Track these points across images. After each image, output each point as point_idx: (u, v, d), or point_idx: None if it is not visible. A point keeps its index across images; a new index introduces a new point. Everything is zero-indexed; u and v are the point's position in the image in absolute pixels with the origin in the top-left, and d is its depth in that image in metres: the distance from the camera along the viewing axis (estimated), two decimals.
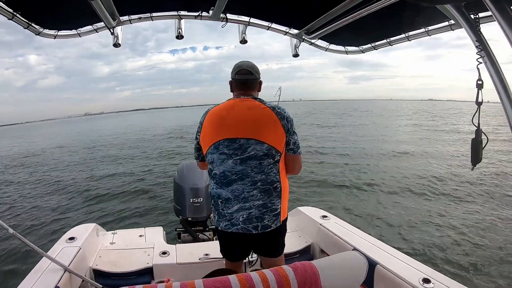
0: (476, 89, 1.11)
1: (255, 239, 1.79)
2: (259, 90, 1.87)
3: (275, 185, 1.71)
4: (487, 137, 1.22)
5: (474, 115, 1.20)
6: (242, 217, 1.71)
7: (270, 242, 1.84)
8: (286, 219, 1.83)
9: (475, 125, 1.20)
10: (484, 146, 1.22)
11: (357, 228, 2.45)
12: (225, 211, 1.75)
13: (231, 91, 1.86)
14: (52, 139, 35.44)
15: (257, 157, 1.67)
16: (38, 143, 30.26)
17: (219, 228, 1.81)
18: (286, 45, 2.68)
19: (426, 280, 1.65)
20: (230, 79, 1.85)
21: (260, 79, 1.86)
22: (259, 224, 1.71)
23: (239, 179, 1.70)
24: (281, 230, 1.81)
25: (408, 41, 2.17)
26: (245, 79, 1.80)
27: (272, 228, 1.73)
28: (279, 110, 1.70)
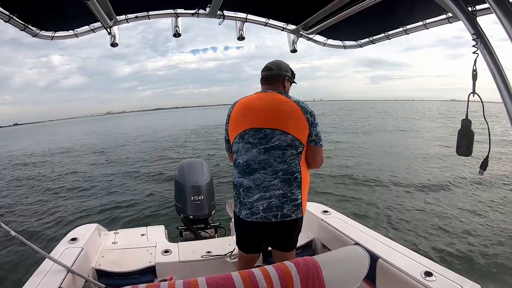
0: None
1: (273, 229, 1.83)
2: (284, 86, 1.93)
3: (295, 175, 1.76)
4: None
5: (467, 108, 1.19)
6: (262, 206, 1.76)
7: (286, 233, 1.88)
8: (304, 212, 1.87)
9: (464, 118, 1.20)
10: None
11: (359, 222, 2.45)
12: (246, 200, 1.81)
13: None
14: (63, 138, 35.50)
15: (281, 147, 1.73)
16: (48, 142, 30.30)
17: (240, 216, 1.86)
18: (307, 45, 2.71)
19: (428, 273, 1.65)
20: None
21: (285, 76, 1.93)
22: (278, 213, 1.76)
23: (261, 168, 1.76)
24: (299, 222, 1.85)
25: (406, 34, 2.17)
26: (266, 76, 1.91)
27: (292, 218, 1.77)
28: (302, 105, 1.77)
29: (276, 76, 1.90)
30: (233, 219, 2.82)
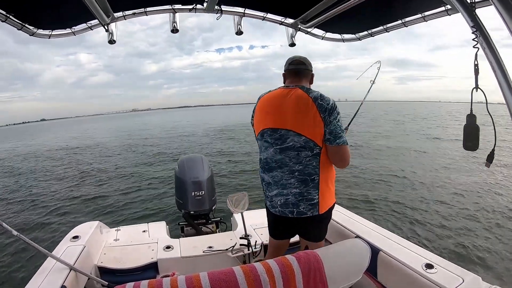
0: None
1: (293, 222, 1.86)
2: (311, 82, 1.90)
3: (312, 177, 1.73)
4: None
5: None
6: (280, 202, 1.81)
7: (307, 227, 1.89)
8: (330, 209, 1.85)
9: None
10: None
11: (360, 215, 2.46)
12: (267, 193, 1.90)
13: (284, 82, 1.91)
14: (77, 135, 35.54)
15: (295, 148, 1.72)
16: (53, 141, 30.24)
17: (267, 206, 1.96)
18: (333, 44, 2.69)
19: (429, 266, 1.66)
20: (283, 71, 1.91)
21: (312, 72, 1.90)
22: (294, 209, 1.78)
23: (278, 167, 1.79)
24: (320, 218, 1.82)
25: (405, 27, 2.16)
26: (297, 69, 1.84)
27: (308, 215, 1.77)
28: (321, 102, 1.67)
29: (307, 72, 1.87)
30: (234, 214, 2.84)
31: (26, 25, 1.87)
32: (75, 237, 2.27)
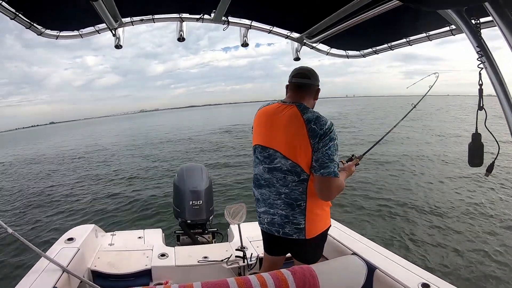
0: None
1: (278, 242, 1.81)
2: (315, 98, 1.79)
3: (298, 202, 1.65)
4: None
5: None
6: (267, 220, 1.77)
7: (294, 249, 1.84)
8: (321, 234, 1.76)
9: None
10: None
11: (357, 232, 2.44)
12: (257, 208, 1.87)
13: (286, 94, 1.80)
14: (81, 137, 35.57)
15: (282, 171, 1.66)
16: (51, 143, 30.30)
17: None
18: None
19: (425, 285, 1.64)
20: (287, 83, 1.80)
21: (318, 87, 1.78)
22: (280, 230, 1.72)
23: (266, 186, 1.74)
24: (309, 243, 1.72)
25: (409, 46, 2.18)
26: (301, 83, 1.73)
27: (294, 237, 1.70)
28: (314, 126, 1.56)
29: (312, 86, 1.75)
30: (230, 225, 2.81)
31: (34, 24, 1.89)
32: (70, 239, 2.26)
